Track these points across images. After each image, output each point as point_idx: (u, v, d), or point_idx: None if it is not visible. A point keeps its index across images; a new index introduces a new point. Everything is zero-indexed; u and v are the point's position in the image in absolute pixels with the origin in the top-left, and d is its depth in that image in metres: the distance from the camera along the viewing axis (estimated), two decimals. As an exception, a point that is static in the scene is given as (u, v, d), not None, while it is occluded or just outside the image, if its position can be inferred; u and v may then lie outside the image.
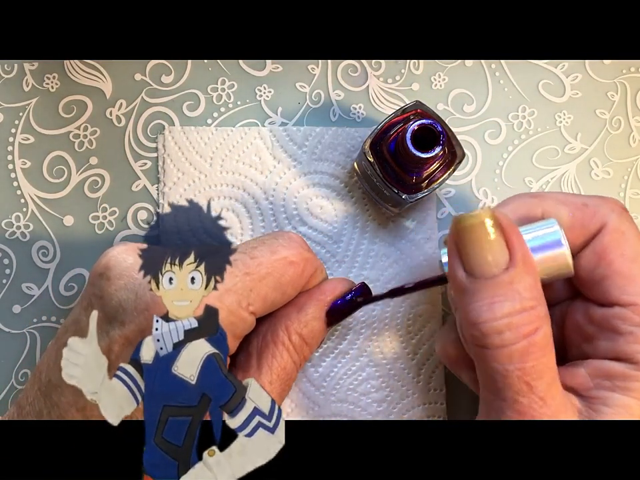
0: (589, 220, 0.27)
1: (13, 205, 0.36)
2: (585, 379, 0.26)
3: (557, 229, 0.26)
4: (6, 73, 0.37)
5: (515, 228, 0.24)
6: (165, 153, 0.36)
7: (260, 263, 0.27)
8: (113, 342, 0.25)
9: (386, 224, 0.36)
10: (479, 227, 0.24)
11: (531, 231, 0.26)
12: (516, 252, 0.24)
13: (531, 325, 0.23)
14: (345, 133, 0.36)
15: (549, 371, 0.24)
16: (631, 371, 0.25)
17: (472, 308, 0.24)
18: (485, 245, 0.24)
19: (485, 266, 0.23)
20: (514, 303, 0.23)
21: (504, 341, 0.23)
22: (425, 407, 0.35)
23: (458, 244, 0.24)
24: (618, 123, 0.38)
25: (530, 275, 0.24)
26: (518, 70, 0.38)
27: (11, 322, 0.35)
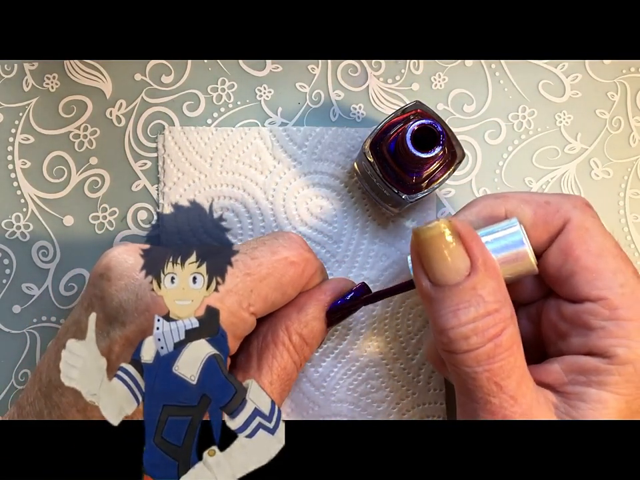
0: (551, 217, 0.27)
1: (13, 205, 0.36)
2: (559, 375, 0.26)
3: (518, 229, 0.26)
4: (6, 73, 0.37)
5: (473, 234, 0.25)
6: (164, 153, 0.36)
7: (260, 263, 0.27)
8: (113, 342, 0.25)
9: (386, 224, 0.36)
10: (437, 238, 0.24)
11: (492, 232, 0.26)
12: (476, 258, 0.24)
13: (495, 327, 0.24)
14: (345, 133, 0.36)
15: (517, 370, 0.24)
16: (604, 365, 0.25)
17: (438, 315, 0.24)
18: (445, 255, 0.24)
19: (447, 275, 0.24)
20: (478, 308, 0.24)
21: (470, 345, 0.24)
22: (424, 407, 0.35)
23: (420, 255, 0.25)
24: (618, 123, 0.38)
25: (492, 278, 0.24)
26: (518, 70, 0.38)
27: (11, 322, 0.35)
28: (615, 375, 0.25)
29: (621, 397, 0.25)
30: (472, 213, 0.28)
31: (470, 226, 0.25)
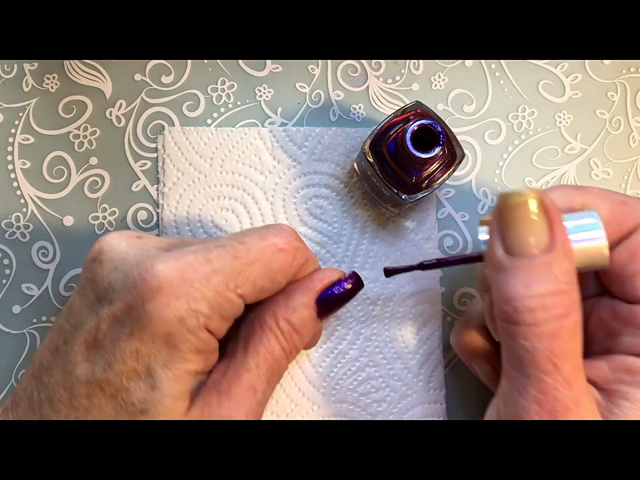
0: (627, 217, 0.27)
1: (12, 205, 0.36)
2: (606, 373, 0.26)
3: (598, 221, 0.26)
4: (6, 73, 0.37)
5: (558, 213, 0.24)
6: (164, 153, 0.36)
7: (249, 248, 0.27)
8: (101, 321, 0.25)
9: (386, 224, 0.36)
10: (523, 206, 0.24)
11: (572, 219, 0.26)
12: (557, 236, 0.24)
13: (563, 307, 0.23)
14: (345, 133, 0.36)
15: (575, 356, 0.24)
16: None
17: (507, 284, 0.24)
18: (528, 225, 0.24)
19: (526, 246, 0.24)
20: (549, 285, 0.23)
21: (536, 319, 0.23)
22: (424, 407, 0.35)
23: (500, 221, 0.24)
24: (618, 123, 0.38)
25: (568, 260, 0.24)
26: (518, 70, 0.38)
27: (11, 322, 0.35)
28: None
29: None
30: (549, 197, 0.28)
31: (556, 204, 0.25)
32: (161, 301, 0.24)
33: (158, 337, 0.24)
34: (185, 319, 0.24)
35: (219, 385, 0.27)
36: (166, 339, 0.24)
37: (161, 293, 0.24)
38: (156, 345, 0.24)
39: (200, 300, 0.25)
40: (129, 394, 0.24)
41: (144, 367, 0.24)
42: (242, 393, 0.26)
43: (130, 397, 0.24)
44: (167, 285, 0.24)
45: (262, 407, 0.27)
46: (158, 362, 0.24)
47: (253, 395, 0.27)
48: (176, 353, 0.25)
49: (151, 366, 0.24)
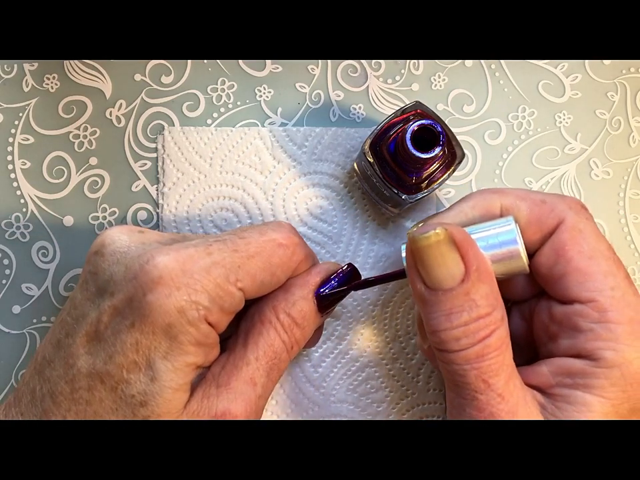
0: (546, 216, 0.27)
1: (12, 205, 0.36)
2: (546, 377, 0.26)
3: (513, 227, 0.26)
4: (6, 73, 0.37)
5: (468, 240, 0.25)
6: (164, 153, 0.36)
7: (249, 242, 0.27)
8: (102, 313, 0.25)
9: (386, 224, 0.36)
10: (433, 247, 0.24)
11: (487, 229, 0.26)
12: (470, 264, 0.24)
13: (486, 329, 0.24)
14: (345, 133, 0.36)
15: (505, 368, 0.24)
16: (591, 368, 0.25)
17: (431, 317, 0.25)
18: (440, 262, 0.24)
19: (442, 280, 0.24)
20: (470, 313, 0.24)
21: (461, 345, 0.24)
22: (424, 407, 0.35)
23: (415, 260, 0.25)
24: (618, 123, 0.38)
25: (485, 283, 0.25)
26: (518, 70, 0.38)
27: (11, 322, 0.35)
28: (601, 378, 0.25)
29: (606, 401, 0.25)
30: (468, 205, 0.28)
31: (465, 232, 0.25)
32: (161, 291, 0.24)
33: (158, 329, 0.24)
34: (185, 310, 0.24)
35: (218, 378, 0.27)
36: (166, 330, 0.24)
37: (161, 283, 0.24)
38: (156, 336, 0.24)
39: (200, 292, 0.25)
40: (129, 386, 0.24)
41: (144, 359, 0.25)
42: (241, 385, 0.26)
43: (130, 390, 0.24)
44: (168, 276, 0.25)
45: (262, 401, 0.27)
46: (158, 354, 0.25)
47: (252, 388, 0.27)
48: (176, 345, 0.25)
49: (151, 358, 0.25)
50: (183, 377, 0.25)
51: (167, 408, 0.25)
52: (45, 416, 0.25)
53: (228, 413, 0.26)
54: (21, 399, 0.26)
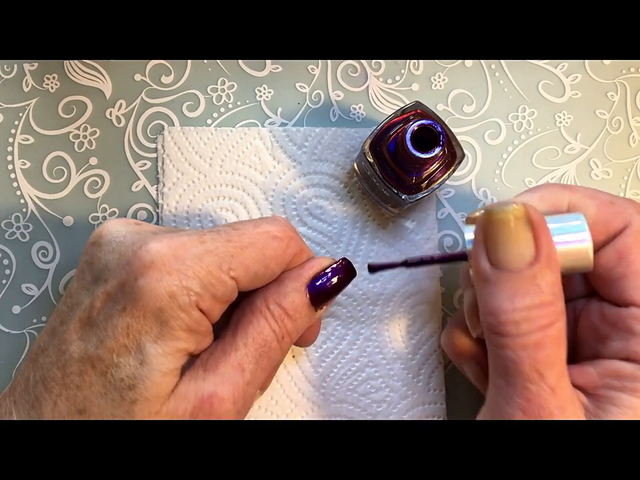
0: (613, 218, 0.27)
1: (12, 205, 0.36)
2: (593, 378, 0.26)
3: (583, 223, 0.26)
4: (6, 73, 0.37)
5: (544, 224, 0.24)
6: (164, 153, 0.36)
7: (242, 233, 0.27)
8: (95, 298, 0.26)
9: (386, 224, 0.36)
10: (509, 223, 0.24)
11: (557, 222, 0.26)
12: (542, 248, 0.24)
13: (547, 318, 0.23)
14: (345, 133, 0.36)
15: (560, 363, 0.24)
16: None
17: (492, 297, 0.24)
18: (513, 240, 0.24)
19: (511, 259, 0.24)
20: (534, 298, 0.23)
21: (520, 330, 0.23)
22: (424, 407, 0.35)
23: (486, 235, 0.24)
24: (618, 123, 0.38)
25: (553, 271, 0.24)
26: (518, 70, 0.38)
27: (11, 322, 0.35)
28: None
29: None
30: (536, 196, 0.28)
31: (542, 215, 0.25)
32: (153, 276, 0.25)
33: (149, 313, 0.25)
34: (176, 295, 0.25)
35: (206, 362, 0.27)
36: (157, 315, 0.25)
37: (153, 268, 0.25)
38: (147, 321, 0.25)
39: (192, 278, 0.25)
40: (119, 370, 0.25)
41: (134, 343, 0.25)
42: (229, 370, 0.27)
43: (119, 373, 0.25)
44: (160, 261, 0.25)
45: (251, 388, 0.27)
46: (148, 338, 0.25)
47: (241, 374, 0.27)
48: (167, 330, 0.25)
49: (141, 342, 0.25)
50: (173, 362, 0.25)
51: (155, 391, 0.25)
52: (37, 402, 0.25)
53: (214, 395, 0.26)
54: (16, 388, 0.26)
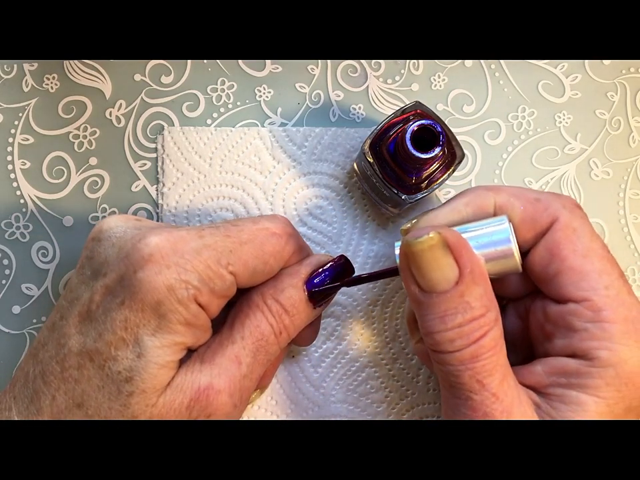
0: (540, 214, 0.27)
1: (12, 206, 0.36)
2: (541, 377, 0.26)
3: (507, 226, 0.26)
4: (6, 74, 0.37)
5: (462, 243, 0.25)
6: (164, 153, 0.36)
7: (241, 229, 0.27)
8: (94, 292, 0.26)
9: (385, 224, 0.36)
10: (427, 252, 0.24)
11: (481, 228, 0.26)
12: (464, 267, 0.24)
13: (480, 330, 0.24)
14: (345, 133, 0.36)
15: (499, 368, 0.24)
16: (585, 368, 0.25)
17: (426, 319, 0.25)
18: (435, 267, 0.24)
19: (437, 284, 0.24)
20: (464, 315, 0.24)
21: (455, 346, 0.24)
22: (423, 407, 0.35)
23: (409, 264, 0.25)
24: (617, 124, 0.38)
25: (479, 284, 0.24)
26: (517, 70, 0.38)
27: (11, 322, 0.35)
28: (595, 378, 0.25)
29: (601, 400, 0.24)
30: (461, 202, 0.28)
31: (459, 234, 0.25)
32: (151, 268, 0.25)
33: (147, 306, 0.25)
34: (174, 288, 0.25)
35: (202, 355, 0.27)
36: (155, 308, 0.25)
37: (152, 261, 0.25)
38: (145, 314, 0.25)
39: (190, 271, 0.25)
40: (116, 363, 0.25)
41: (132, 336, 0.25)
42: (225, 362, 0.27)
43: (116, 366, 0.25)
44: (158, 254, 0.25)
45: (247, 381, 0.27)
46: (146, 331, 0.25)
47: (237, 367, 0.27)
48: (165, 323, 0.25)
49: (139, 335, 0.25)
50: (170, 355, 0.25)
51: (151, 383, 0.25)
52: (36, 396, 0.25)
53: (211, 387, 0.26)
54: (15, 383, 0.27)
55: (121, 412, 0.25)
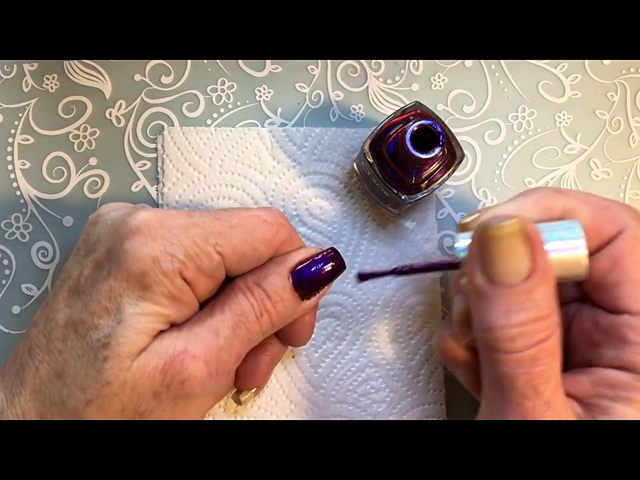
0: (607, 223, 0.26)
1: (12, 206, 0.36)
2: (586, 387, 0.26)
3: (579, 230, 0.25)
4: (6, 74, 0.37)
5: (540, 239, 0.24)
6: (164, 153, 0.36)
7: (232, 214, 0.28)
8: (84, 267, 0.26)
9: (385, 225, 0.36)
10: (505, 238, 0.23)
11: (552, 229, 0.26)
12: (538, 263, 0.23)
13: (543, 332, 0.23)
14: (345, 133, 0.36)
15: (555, 376, 0.24)
16: (634, 382, 0.24)
17: (487, 313, 0.24)
18: (509, 256, 0.23)
19: (507, 275, 0.23)
20: (529, 313, 0.23)
21: (515, 347, 0.23)
22: (424, 407, 0.35)
23: (481, 250, 0.24)
24: (617, 124, 0.38)
25: (548, 284, 0.24)
26: (517, 70, 0.38)
27: (11, 322, 0.35)
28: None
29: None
30: (529, 201, 0.27)
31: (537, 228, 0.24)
32: (137, 240, 0.25)
33: (132, 276, 0.25)
34: (159, 260, 0.25)
35: (181, 326, 0.27)
36: (139, 278, 0.25)
37: (138, 233, 0.25)
38: (130, 284, 0.25)
39: (177, 245, 0.26)
40: (97, 331, 0.25)
41: (115, 305, 0.25)
42: (203, 332, 0.27)
43: (97, 334, 0.25)
44: (145, 227, 0.26)
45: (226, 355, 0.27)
46: (129, 300, 0.25)
47: (215, 337, 0.27)
48: (148, 294, 0.25)
49: (122, 304, 0.25)
50: (150, 322, 0.25)
51: (127, 348, 0.25)
52: (21, 369, 0.26)
53: (185, 352, 0.26)
54: (6, 362, 0.27)
55: (95, 378, 0.25)
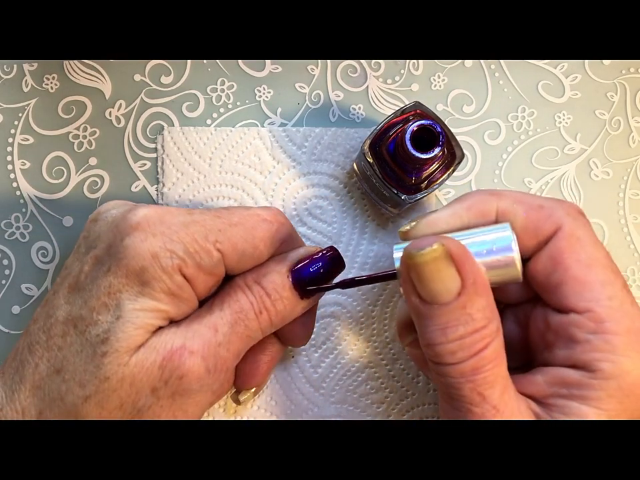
0: (543, 222, 0.26)
1: (12, 206, 0.36)
2: (541, 387, 0.26)
3: (509, 235, 0.25)
4: (6, 74, 0.37)
5: (465, 254, 0.24)
6: (163, 153, 0.36)
7: (232, 212, 0.28)
8: (84, 263, 0.26)
9: (385, 224, 0.36)
10: (430, 263, 0.24)
11: (483, 235, 0.26)
12: (467, 278, 0.24)
13: (482, 342, 0.24)
14: (345, 133, 0.36)
15: (500, 380, 0.24)
16: (587, 379, 0.24)
17: (427, 330, 0.24)
18: (437, 278, 0.24)
19: (438, 295, 0.24)
20: (466, 327, 0.24)
21: (456, 359, 0.24)
22: (424, 407, 0.35)
23: (410, 275, 0.24)
24: (617, 124, 0.38)
25: (481, 296, 0.24)
26: (517, 70, 0.38)
27: (11, 322, 0.35)
28: (597, 390, 0.24)
29: (602, 412, 0.24)
30: (463, 207, 0.28)
31: (462, 245, 0.24)
32: (137, 236, 0.25)
33: (131, 272, 0.25)
34: (159, 256, 0.25)
35: (179, 323, 0.27)
36: (139, 274, 0.25)
37: (138, 229, 0.26)
38: (129, 280, 0.25)
39: (176, 242, 0.26)
40: (96, 327, 0.25)
41: (114, 301, 0.25)
42: (201, 328, 0.27)
43: (96, 330, 0.25)
44: (145, 223, 0.26)
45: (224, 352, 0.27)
46: (128, 296, 0.25)
47: (213, 333, 0.27)
48: (148, 290, 0.25)
49: (121, 299, 0.25)
50: (149, 318, 0.25)
51: (126, 343, 0.25)
52: (21, 366, 0.26)
53: (184, 347, 0.26)
54: (7, 360, 0.27)
55: (94, 373, 0.25)
